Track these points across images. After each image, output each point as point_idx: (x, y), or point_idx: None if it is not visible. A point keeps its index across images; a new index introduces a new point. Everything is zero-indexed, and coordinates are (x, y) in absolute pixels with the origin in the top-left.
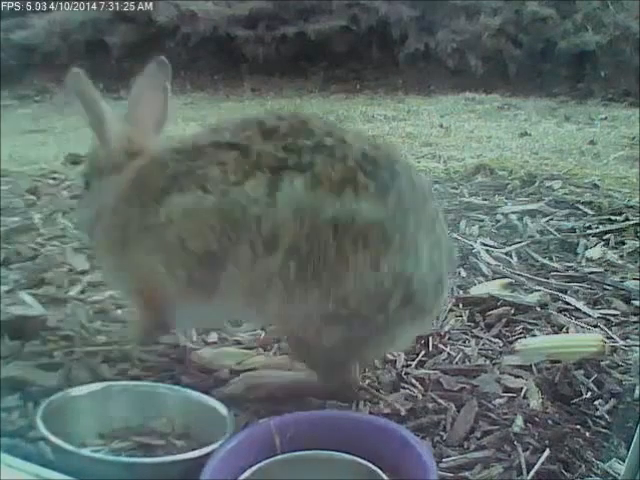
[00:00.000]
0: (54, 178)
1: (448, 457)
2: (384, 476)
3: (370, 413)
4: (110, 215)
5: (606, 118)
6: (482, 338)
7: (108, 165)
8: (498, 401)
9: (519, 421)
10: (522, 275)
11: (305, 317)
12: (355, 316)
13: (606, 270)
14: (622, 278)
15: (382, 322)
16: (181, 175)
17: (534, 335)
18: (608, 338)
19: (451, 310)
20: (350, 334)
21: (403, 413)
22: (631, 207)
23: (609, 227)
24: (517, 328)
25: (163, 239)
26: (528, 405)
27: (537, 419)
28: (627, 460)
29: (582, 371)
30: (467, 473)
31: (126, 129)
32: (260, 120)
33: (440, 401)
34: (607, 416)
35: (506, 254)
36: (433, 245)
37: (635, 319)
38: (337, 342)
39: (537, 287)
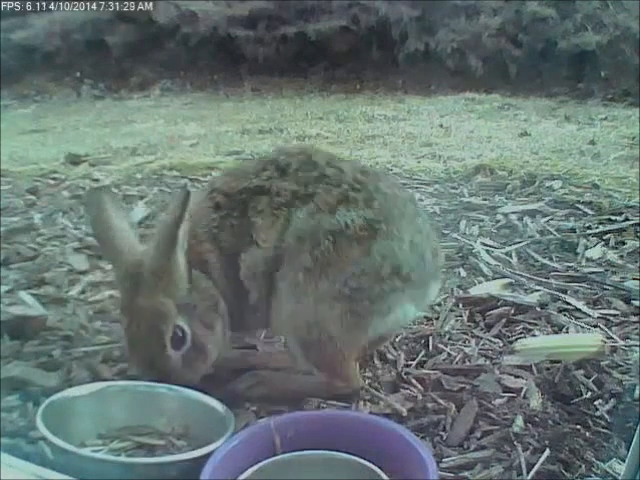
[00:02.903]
0: (54, 178)
1: (448, 457)
2: (384, 476)
3: (370, 413)
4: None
5: (606, 118)
6: (482, 338)
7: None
8: (498, 401)
9: (519, 421)
10: (522, 275)
11: (316, 301)
12: (356, 291)
13: (606, 270)
14: (622, 278)
15: (378, 291)
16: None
17: (534, 335)
18: (608, 338)
19: (451, 310)
20: (354, 307)
21: (403, 413)
22: (631, 207)
23: (609, 227)
24: (517, 328)
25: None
26: (528, 405)
27: (537, 419)
28: (627, 460)
29: (582, 371)
30: (467, 473)
31: None
32: (273, 158)
33: (440, 401)
34: (607, 416)
35: (506, 254)
36: (414, 232)
37: (635, 319)
38: (343, 319)
39: (537, 287)
